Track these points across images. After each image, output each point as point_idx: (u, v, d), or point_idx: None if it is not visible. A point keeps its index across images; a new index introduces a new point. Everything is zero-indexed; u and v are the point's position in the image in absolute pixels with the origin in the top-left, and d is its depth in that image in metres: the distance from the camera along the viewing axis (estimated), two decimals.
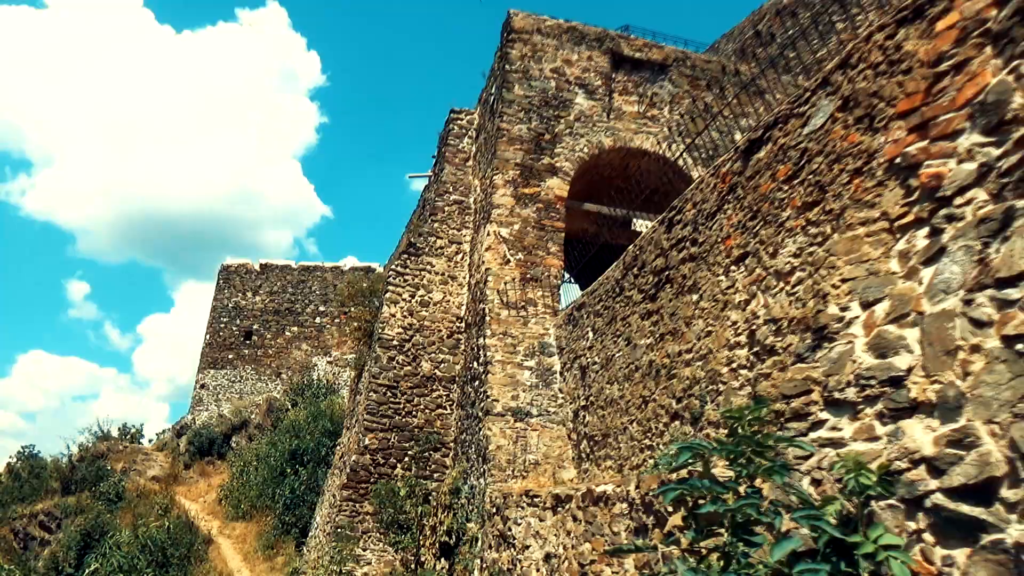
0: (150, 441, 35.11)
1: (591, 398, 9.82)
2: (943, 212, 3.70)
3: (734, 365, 6.36)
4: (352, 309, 18.99)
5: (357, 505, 13.24)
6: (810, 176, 5.35)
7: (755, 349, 5.97)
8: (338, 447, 17.94)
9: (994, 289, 3.30)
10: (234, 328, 33.95)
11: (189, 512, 23.40)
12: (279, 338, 33.65)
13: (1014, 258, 3.22)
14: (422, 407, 13.46)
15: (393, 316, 13.78)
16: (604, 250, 12.66)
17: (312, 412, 24.98)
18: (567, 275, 14.75)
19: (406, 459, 13.23)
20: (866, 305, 4.08)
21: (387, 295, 14.08)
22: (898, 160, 4.08)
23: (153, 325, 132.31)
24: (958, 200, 3.62)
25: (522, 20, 13.42)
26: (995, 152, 3.46)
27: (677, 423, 7.41)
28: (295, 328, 33.77)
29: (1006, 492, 3.07)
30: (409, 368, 13.54)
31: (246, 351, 33.64)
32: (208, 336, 34.08)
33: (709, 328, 6.83)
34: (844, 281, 4.30)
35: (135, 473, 28.74)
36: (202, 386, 33.58)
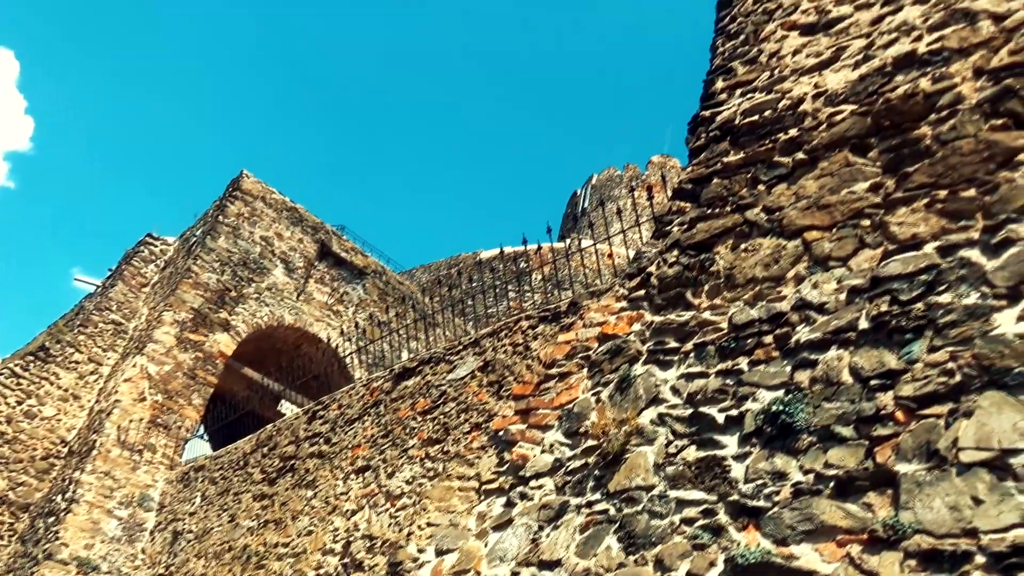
0: None
1: (173, 568, 8.70)
2: (520, 489, 4.10)
3: (322, 571, 6.12)
4: None
5: None
6: (442, 416, 5.68)
7: (346, 560, 5.84)
8: None
9: (536, 568, 3.65)
10: None
11: None
12: None
13: (556, 546, 3.63)
14: None
15: None
16: (249, 416, 11.94)
17: None
18: (202, 429, 13.57)
19: None
20: (440, 552, 4.26)
21: None
22: (501, 433, 4.52)
23: None
24: (533, 483, 4.06)
25: (252, 184, 13.30)
26: (568, 453, 4.00)
27: None
28: None
29: None
30: None
31: None
32: None
33: (312, 527, 6.59)
34: (430, 524, 4.49)
35: None
36: None
